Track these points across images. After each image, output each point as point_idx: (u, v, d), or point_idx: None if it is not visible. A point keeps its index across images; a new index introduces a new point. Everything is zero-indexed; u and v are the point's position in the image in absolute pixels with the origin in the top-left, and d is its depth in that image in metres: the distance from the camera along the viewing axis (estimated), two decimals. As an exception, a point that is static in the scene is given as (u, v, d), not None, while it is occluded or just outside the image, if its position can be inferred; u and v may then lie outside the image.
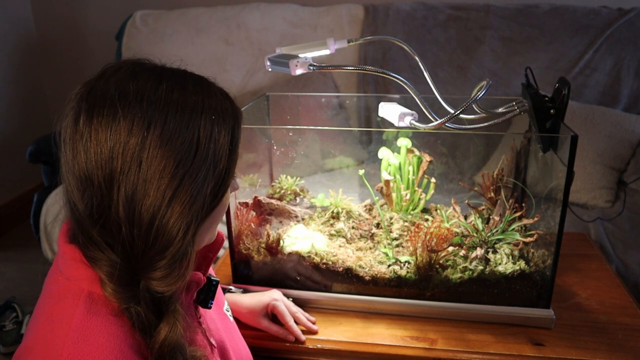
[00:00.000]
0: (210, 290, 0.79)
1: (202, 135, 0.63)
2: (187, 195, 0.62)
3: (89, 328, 0.60)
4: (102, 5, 2.95)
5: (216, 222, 0.71)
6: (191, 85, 0.67)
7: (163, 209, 0.61)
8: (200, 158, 0.63)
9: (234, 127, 0.67)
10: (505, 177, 1.21)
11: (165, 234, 0.62)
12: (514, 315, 1.04)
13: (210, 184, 0.64)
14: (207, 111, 0.65)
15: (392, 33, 2.38)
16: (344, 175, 1.54)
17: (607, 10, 2.29)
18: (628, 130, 1.98)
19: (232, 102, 0.70)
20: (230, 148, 0.66)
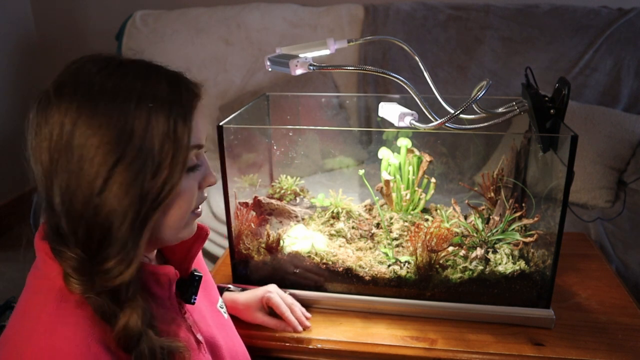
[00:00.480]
0: (192, 286, 0.79)
1: (137, 123, 0.61)
2: (119, 186, 0.61)
3: (57, 323, 0.61)
4: (102, 5, 2.95)
5: (176, 215, 0.68)
6: (133, 72, 0.65)
7: (94, 200, 0.61)
8: (134, 147, 0.61)
9: (177, 115, 0.64)
10: (505, 177, 1.21)
11: (100, 226, 0.62)
12: (514, 315, 1.04)
13: (148, 174, 0.62)
14: (143, 98, 0.62)
15: (392, 33, 2.38)
16: (344, 175, 1.54)
17: (607, 10, 2.29)
18: (628, 130, 1.98)
19: (181, 90, 0.66)
20: (173, 137, 0.63)
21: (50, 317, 0.61)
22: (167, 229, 0.69)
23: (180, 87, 0.67)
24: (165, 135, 0.63)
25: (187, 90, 0.67)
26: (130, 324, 0.62)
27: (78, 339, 0.59)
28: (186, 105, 0.66)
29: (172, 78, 0.67)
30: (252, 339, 1.03)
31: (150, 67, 0.67)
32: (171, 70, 0.69)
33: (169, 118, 0.63)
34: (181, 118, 0.65)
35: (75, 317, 0.61)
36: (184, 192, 0.68)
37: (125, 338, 0.62)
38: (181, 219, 0.70)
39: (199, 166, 0.71)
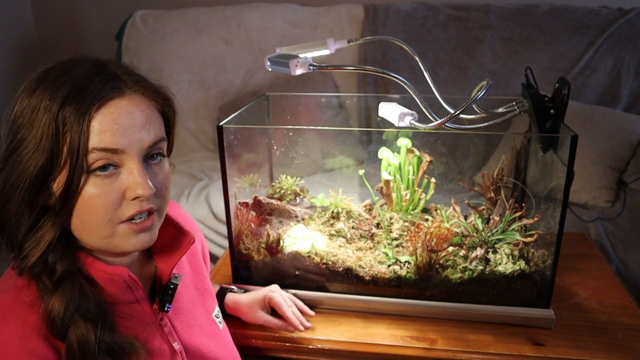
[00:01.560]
0: (166, 294, 0.78)
1: (38, 114, 0.63)
2: (10, 171, 0.64)
3: (8, 311, 0.65)
4: (102, 5, 2.95)
5: (88, 222, 0.66)
6: (63, 66, 0.66)
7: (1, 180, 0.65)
8: (30, 136, 0.63)
9: (67, 115, 0.62)
10: (505, 177, 1.21)
11: (5, 209, 0.65)
12: (514, 315, 1.04)
13: (35, 165, 0.63)
14: (49, 91, 0.63)
15: (392, 33, 2.38)
16: (344, 175, 1.54)
17: (607, 10, 2.29)
18: (628, 130, 1.98)
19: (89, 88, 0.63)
20: (65, 137, 0.62)
21: (5, 305, 0.65)
22: (85, 234, 0.68)
23: (90, 81, 0.64)
24: (53, 134, 0.62)
25: (99, 85, 0.64)
26: (53, 310, 0.64)
27: (18, 330, 0.63)
28: (86, 104, 0.63)
29: (91, 73, 0.65)
30: (252, 339, 1.03)
31: (96, 63, 0.67)
32: (107, 68, 0.67)
33: (57, 116, 0.62)
34: (75, 114, 0.62)
35: (24, 306, 0.65)
36: (92, 198, 0.64)
37: (49, 324, 0.64)
38: (95, 226, 0.66)
39: (115, 172, 0.65)
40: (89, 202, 0.64)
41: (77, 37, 3.03)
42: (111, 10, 2.92)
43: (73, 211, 0.65)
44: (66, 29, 3.02)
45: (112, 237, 0.68)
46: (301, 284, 1.13)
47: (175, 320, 0.81)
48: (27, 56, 3.02)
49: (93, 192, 0.64)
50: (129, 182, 0.66)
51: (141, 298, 0.75)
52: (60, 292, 0.65)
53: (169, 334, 0.78)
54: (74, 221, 0.66)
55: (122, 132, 0.64)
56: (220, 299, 1.05)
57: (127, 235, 0.68)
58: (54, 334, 0.64)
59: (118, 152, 0.64)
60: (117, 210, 0.66)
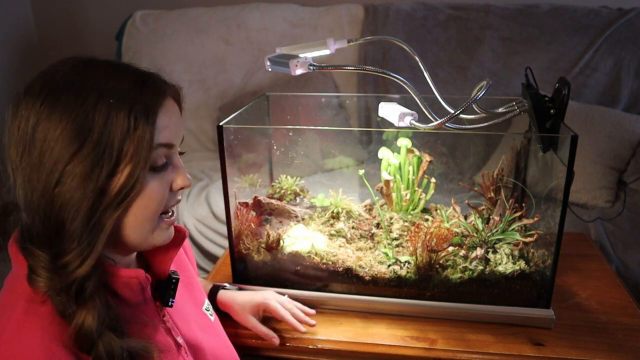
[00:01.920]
0: (169, 288, 0.79)
1: (96, 118, 0.61)
2: (73, 179, 0.61)
3: (23, 327, 0.61)
4: (102, 5, 2.95)
5: (140, 216, 0.67)
6: (100, 70, 0.65)
7: (51, 192, 0.61)
8: (92, 141, 0.61)
9: (138, 113, 0.63)
10: (505, 177, 1.21)
11: (54, 219, 0.62)
12: (514, 315, 1.04)
13: (104, 169, 0.62)
14: (105, 95, 0.62)
15: (392, 33, 2.38)
16: (344, 175, 1.54)
17: (607, 10, 2.29)
18: (628, 130, 1.98)
19: (146, 88, 0.66)
20: (133, 134, 0.63)
21: (18, 322, 0.62)
22: (132, 230, 0.68)
23: (145, 85, 0.66)
24: (124, 132, 0.63)
25: (154, 88, 0.67)
26: (85, 324, 0.62)
27: (41, 344, 0.60)
28: (150, 103, 0.65)
29: (139, 76, 0.67)
30: (251, 339, 1.03)
31: (118, 66, 0.67)
32: (141, 70, 0.69)
33: (129, 115, 0.63)
34: (143, 116, 0.64)
35: (41, 320, 0.62)
36: (149, 192, 0.66)
37: (79, 339, 0.62)
38: (146, 221, 0.68)
39: (167, 166, 0.70)
40: (148, 197, 0.67)
41: (77, 37, 3.03)
42: (111, 10, 2.92)
43: (129, 208, 0.66)
44: (66, 29, 3.02)
45: (153, 231, 0.70)
46: (301, 284, 1.13)
47: (174, 316, 0.81)
48: (27, 56, 3.02)
49: (152, 188, 0.67)
50: (174, 174, 0.71)
51: (147, 297, 0.76)
52: (91, 305, 0.63)
53: (172, 328, 0.79)
54: (126, 219, 0.66)
55: (174, 129, 0.69)
56: (213, 295, 1.05)
57: (163, 229, 0.72)
58: (83, 349, 0.62)
59: (172, 147, 0.69)
60: (165, 202, 0.70)
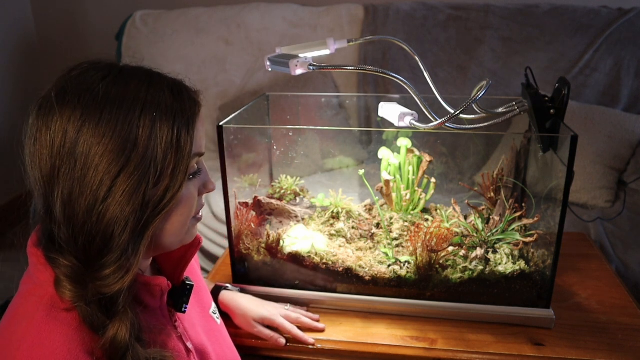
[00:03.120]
0: (184, 294, 0.79)
1: (141, 132, 0.62)
2: (122, 194, 0.61)
3: (46, 332, 0.60)
4: (102, 5, 2.95)
5: (177, 222, 0.69)
6: (136, 81, 0.65)
7: (97, 207, 0.61)
8: (138, 155, 0.61)
9: (180, 124, 0.65)
10: (505, 177, 1.21)
11: (101, 233, 0.62)
12: (514, 315, 1.04)
13: (150, 182, 0.62)
14: (147, 107, 0.63)
15: (392, 33, 2.38)
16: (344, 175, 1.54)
17: (607, 10, 2.29)
18: (628, 130, 1.98)
19: (183, 99, 0.67)
20: (176, 146, 0.64)
21: (40, 327, 0.61)
22: (169, 236, 0.70)
23: (182, 95, 0.67)
24: (168, 144, 0.64)
25: (189, 98, 0.68)
26: (119, 336, 0.62)
27: (66, 350, 0.59)
28: (189, 114, 0.67)
29: (175, 86, 0.68)
30: (252, 339, 1.03)
31: (152, 75, 0.67)
32: (172, 78, 0.69)
33: (173, 127, 0.64)
34: (184, 127, 0.65)
35: (64, 327, 0.61)
36: (185, 199, 0.69)
37: (112, 350, 0.62)
38: (183, 226, 0.71)
39: (200, 173, 0.72)
40: (185, 204, 0.69)
41: (77, 37, 3.03)
42: (111, 10, 2.92)
43: (169, 217, 0.67)
44: (66, 29, 3.02)
45: (187, 232, 0.73)
46: (301, 284, 1.13)
47: (183, 321, 0.81)
48: (27, 56, 3.03)
49: (188, 193, 0.69)
50: (202, 180, 0.74)
51: (163, 303, 0.76)
52: (124, 316, 0.63)
53: (183, 334, 0.79)
54: (165, 227, 0.68)
55: (203, 138, 0.72)
56: (215, 296, 1.05)
57: (193, 228, 0.75)
58: (112, 357, 0.62)
59: (202, 154, 0.72)
60: (195, 206, 0.72)
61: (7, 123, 2.88)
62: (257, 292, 1.12)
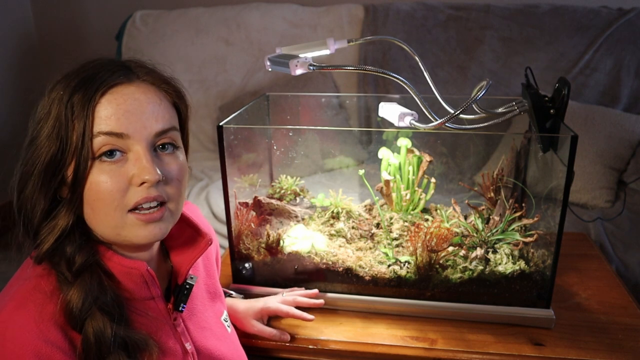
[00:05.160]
0: (181, 294, 0.78)
1: (41, 106, 0.67)
2: (25, 163, 0.67)
3: (26, 299, 0.64)
4: (102, 5, 2.95)
5: (97, 209, 0.67)
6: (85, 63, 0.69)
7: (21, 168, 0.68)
8: (47, 125, 0.65)
9: (76, 102, 0.65)
10: (505, 177, 1.21)
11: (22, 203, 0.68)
12: (514, 315, 1.04)
13: (47, 154, 0.65)
14: (62, 85, 0.66)
15: (392, 33, 2.38)
16: (344, 175, 1.54)
17: (607, 10, 2.29)
18: (628, 130, 1.98)
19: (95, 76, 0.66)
20: (73, 124, 0.65)
21: (23, 293, 0.65)
22: (96, 223, 0.69)
23: (96, 72, 0.67)
24: (67, 121, 0.65)
25: (106, 73, 0.67)
26: (71, 301, 0.64)
27: (36, 319, 0.63)
28: (91, 90, 0.65)
29: (98, 65, 0.68)
30: (252, 339, 1.03)
31: (96, 59, 0.70)
32: (110, 59, 0.71)
33: (67, 104, 0.65)
34: (80, 104, 0.65)
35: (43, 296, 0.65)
36: (99, 183, 0.65)
37: (67, 315, 0.64)
38: (106, 215, 0.67)
39: (115, 156, 0.66)
40: (96, 189, 0.66)
41: (77, 37, 3.03)
42: (111, 10, 2.92)
43: (83, 198, 0.66)
44: (66, 29, 3.02)
45: (122, 227, 0.68)
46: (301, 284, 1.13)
47: (189, 321, 0.81)
48: (27, 56, 3.03)
49: (100, 178, 0.65)
50: (135, 167, 0.66)
51: (157, 295, 0.75)
52: (79, 283, 0.65)
53: (182, 334, 0.78)
54: (85, 209, 0.67)
55: (127, 117, 0.66)
56: None
57: (136, 226, 0.68)
58: (71, 325, 0.64)
59: (123, 136, 0.66)
60: (124, 196, 0.66)
61: (7, 123, 2.88)
62: (257, 292, 1.12)
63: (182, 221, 0.80)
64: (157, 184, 0.67)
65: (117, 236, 0.69)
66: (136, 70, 0.70)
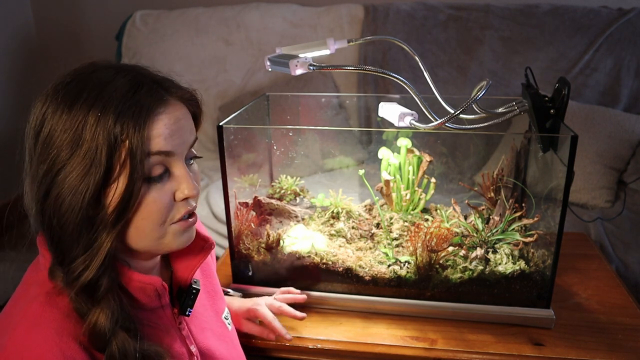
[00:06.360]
0: (188, 298, 0.79)
1: (86, 128, 0.62)
2: (60, 192, 0.62)
3: (41, 318, 0.63)
4: (102, 5, 2.95)
5: (142, 226, 0.67)
6: (102, 73, 0.65)
7: (39, 203, 0.64)
8: (81, 151, 0.62)
9: (125, 123, 0.62)
10: (505, 177, 1.21)
11: (58, 225, 0.64)
12: (514, 315, 1.04)
13: (96, 179, 0.62)
14: (96, 106, 0.62)
15: (392, 33, 2.38)
16: (344, 175, 1.54)
17: (607, 10, 2.29)
18: (628, 130, 1.98)
19: (139, 95, 0.65)
20: (122, 146, 0.62)
21: (35, 311, 0.63)
22: (137, 239, 0.68)
23: (138, 91, 0.65)
24: (112, 142, 0.62)
25: (147, 94, 0.65)
26: (98, 323, 0.63)
27: (54, 337, 0.61)
28: (140, 110, 0.64)
29: (135, 82, 0.66)
30: (252, 339, 1.03)
31: (121, 71, 0.66)
32: (144, 73, 0.68)
33: (115, 124, 0.62)
34: (131, 124, 0.63)
35: (58, 311, 0.64)
36: (147, 204, 0.65)
37: (93, 336, 0.63)
38: (151, 231, 0.68)
39: (166, 176, 0.68)
40: (146, 208, 0.66)
41: (77, 37, 3.03)
42: (111, 10, 2.92)
43: (130, 221, 0.66)
44: (66, 29, 3.02)
45: (164, 237, 0.70)
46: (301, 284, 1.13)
47: (191, 324, 0.81)
48: (27, 56, 3.02)
49: (150, 199, 0.66)
50: (178, 183, 0.68)
51: (165, 304, 0.76)
52: (105, 305, 0.64)
53: (187, 337, 0.79)
54: (129, 229, 0.67)
55: (172, 136, 0.67)
56: None
57: (178, 233, 0.71)
58: (96, 346, 0.64)
59: (169, 154, 0.67)
60: (170, 212, 0.68)
61: (7, 123, 2.88)
62: (257, 292, 1.12)
63: None
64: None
65: (157, 246, 0.70)
66: (166, 85, 0.70)
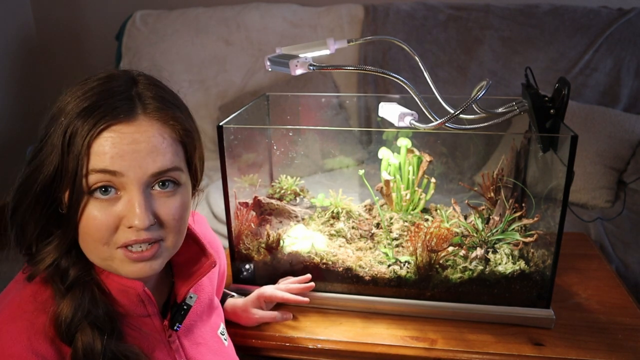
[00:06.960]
0: (178, 314, 0.78)
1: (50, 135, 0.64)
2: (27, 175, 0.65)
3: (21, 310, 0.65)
4: (102, 5, 2.95)
5: (85, 241, 0.66)
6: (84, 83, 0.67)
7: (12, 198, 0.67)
8: (38, 156, 0.65)
9: (72, 136, 0.62)
10: (505, 177, 1.21)
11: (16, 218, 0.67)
12: (514, 315, 1.04)
13: (46, 174, 0.63)
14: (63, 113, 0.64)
15: (392, 33, 2.38)
16: (344, 175, 1.54)
17: (607, 10, 2.29)
18: (628, 130, 1.98)
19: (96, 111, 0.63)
20: (68, 158, 0.62)
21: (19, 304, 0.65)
22: (87, 252, 0.68)
23: (97, 106, 0.63)
24: (60, 153, 0.63)
25: (104, 109, 0.63)
26: (61, 314, 0.64)
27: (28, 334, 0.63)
28: (90, 126, 0.62)
29: (101, 96, 0.64)
30: (252, 339, 1.03)
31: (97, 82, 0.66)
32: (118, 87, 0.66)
33: (64, 136, 0.62)
34: (77, 138, 0.62)
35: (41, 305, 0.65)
36: (89, 218, 0.64)
37: (56, 326, 0.64)
38: (95, 248, 0.66)
39: (114, 196, 0.64)
40: (86, 223, 0.64)
41: (77, 37, 3.03)
42: (111, 10, 2.92)
43: (77, 227, 0.65)
44: (66, 29, 3.02)
45: (111, 260, 0.67)
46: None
47: (184, 338, 0.80)
48: (27, 56, 3.02)
49: (90, 214, 0.64)
50: (126, 209, 0.64)
51: (152, 313, 0.74)
52: (70, 297, 0.65)
53: (176, 351, 0.78)
54: (79, 237, 0.66)
55: (121, 156, 0.63)
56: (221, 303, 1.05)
57: (125, 261, 0.67)
58: (60, 338, 0.64)
59: (117, 174, 0.63)
60: (113, 234, 0.65)
61: (7, 123, 2.88)
62: (257, 292, 1.12)
63: (189, 237, 0.79)
64: (150, 226, 0.65)
65: (107, 267, 0.68)
66: (146, 102, 0.66)
